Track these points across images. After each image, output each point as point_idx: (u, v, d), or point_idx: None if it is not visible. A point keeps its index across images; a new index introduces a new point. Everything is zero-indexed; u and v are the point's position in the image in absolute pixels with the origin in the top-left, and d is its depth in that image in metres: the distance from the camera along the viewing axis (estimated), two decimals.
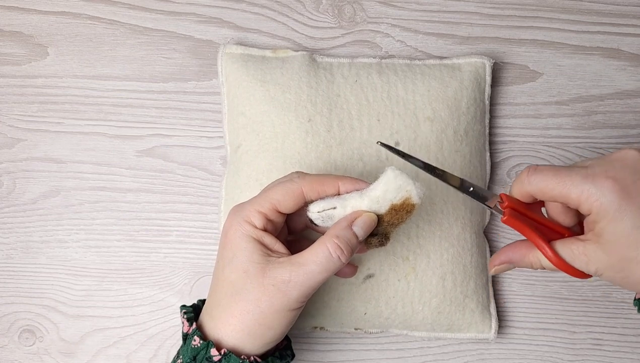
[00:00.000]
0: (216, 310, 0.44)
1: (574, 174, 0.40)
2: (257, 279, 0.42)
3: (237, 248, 0.43)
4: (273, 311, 0.42)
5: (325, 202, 0.44)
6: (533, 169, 0.42)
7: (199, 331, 0.44)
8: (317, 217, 0.44)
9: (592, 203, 0.39)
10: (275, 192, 0.44)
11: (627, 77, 0.59)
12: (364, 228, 0.43)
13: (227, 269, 0.44)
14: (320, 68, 0.55)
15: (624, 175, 0.39)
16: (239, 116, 0.55)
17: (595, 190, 0.39)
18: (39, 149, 0.58)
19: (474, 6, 0.59)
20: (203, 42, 0.58)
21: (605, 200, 0.39)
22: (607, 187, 0.39)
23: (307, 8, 0.59)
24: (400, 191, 0.43)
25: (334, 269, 0.42)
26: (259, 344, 0.43)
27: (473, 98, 0.56)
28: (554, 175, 0.41)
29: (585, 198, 0.40)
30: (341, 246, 0.42)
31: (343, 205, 0.43)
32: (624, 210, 0.39)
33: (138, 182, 0.58)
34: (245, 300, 0.43)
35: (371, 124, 0.53)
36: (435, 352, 0.58)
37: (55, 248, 0.58)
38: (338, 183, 0.44)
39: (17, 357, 0.58)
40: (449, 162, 0.54)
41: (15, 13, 0.58)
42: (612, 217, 0.39)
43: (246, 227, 0.43)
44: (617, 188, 0.39)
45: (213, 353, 0.43)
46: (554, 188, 0.41)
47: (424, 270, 0.53)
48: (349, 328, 0.55)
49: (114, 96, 0.58)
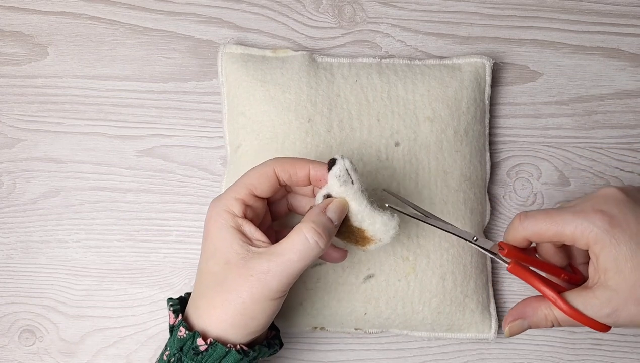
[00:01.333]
0: (200, 301, 0.45)
1: (564, 213, 0.43)
2: (238, 269, 0.43)
3: (217, 239, 0.44)
4: (254, 301, 0.43)
5: (353, 171, 0.44)
6: (524, 215, 0.45)
7: (185, 322, 0.44)
8: (339, 175, 0.44)
9: (587, 236, 0.42)
10: (250, 177, 0.45)
11: (627, 77, 0.59)
12: (337, 212, 0.44)
13: (211, 261, 0.44)
14: (320, 68, 0.55)
15: (610, 207, 0.42)
16: (239, 116, 0.55)
17: (588, 224, 0.42)
18: (39, 149, 0.58)
19: (474, 6, 0.59)
20: (203, 42, 0.58)
21: (599, 231, 0.42)
22: (598, 218, 0.42)
23: (307, 8, 0.59)
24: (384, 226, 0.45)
25: (313, 255, 0.43)
26: (243, 334, 0.44)
27: (473, 98, 0.56)
28: (545, 217, 0.44)
29: (580, 233, 0.42)
30: (318, 230, 0.42)
31: (358, 185, 0.45)
32: (618, 237, 0.42)
33: (138, 182, 0.58)
34: (226, 291, 0.43)
35: (371, 124, 0.53)
36: (435, 352, 0.58)
37: (55, 248, 0.58)
38: (309, 167, 0.45)
39: (17, 357, 0.58)
40: (449, 162, 0.54)
41: (15, 13, 0.58)
42: (609, 243, 0.42)
43: (225, 216, 0.44)
44: (607, 219, 0.42)
45: (199, 343, 0.43)
46: (549, 229, 0.43)
47: (424, 270, 0.53)
48: (349, 328, 0.55)
49: (114, 96, 0.58)
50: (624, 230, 0.42)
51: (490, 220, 0.58)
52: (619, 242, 0.41)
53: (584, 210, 0.43)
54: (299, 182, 0.46)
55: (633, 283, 0.41)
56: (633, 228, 0.42)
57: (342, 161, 0.44)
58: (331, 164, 0.44)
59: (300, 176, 0.45)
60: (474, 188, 0.55)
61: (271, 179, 0.45)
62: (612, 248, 0.41)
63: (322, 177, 0.44)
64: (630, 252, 0.41)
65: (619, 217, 0.42)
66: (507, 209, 0.59)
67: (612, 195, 0.44)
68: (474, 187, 0.55)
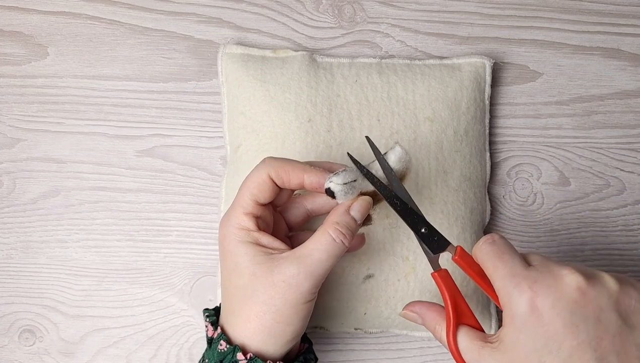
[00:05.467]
0: (232, 317, 0.44)
1: (510, 267, 0.40)
2: (266, 279, 0.42)
3: (237, 255, 0.43)
4: (288, 307, 0.42)
5: (345, 174, 0.44)
6: (491, 239, 0.42)
7: (225, 335, 0.44)
8: (340, 189, 0.43)
9: (505, 303, 0.39)
10: (249, 187, 0.44)
11: (627, 77, 0.59)
12: (361, 211, 0.44)
13: (234, 276, 0.44)
14: (320, 68, 0.55)
15: (547, 295, 0.38)
16: (239, 116, 0.55)
17: (513, 293, 0.39)
18: (39, 149, 0.58)
19: (474, 6, 0.59)
20: (203, 42, 0.58)
21: (516, 309, 0.38)
22: (524, 297, 0.38)
23: (307, 8, 0.59)
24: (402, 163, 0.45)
25: (339, 254, 0.43)
26: (281, 342, 0.44)
27: (473, 98, 0.56)
28: (496, 256, 0.41)
29: (502, 296, 0.39)
30: (342, 231, 0.43)
31: (362, 178, 0.44)
32: (529, 328, 0.38)
33: (138, 182, 0.58)
34: (258, 302, 0.43)
35: (371, 124, 0.53)
36: (435, 351, 0.58)
37: (55, 248, 0.58)
38: (303, 176, 0.44)
39: (17, 357, 0.58)
40: (449, 162, 0.54)
41: (15, 13, 0.58)
42: (516, 327, 0.38)
43: (240, 234, 0.44)
44: (533, 306, 0.38)
45: (239, 358, 0.43)
46: (488, 268, 0.41)
47: (424, 270, 0.53)
48: (349, 328, 0.55)
49: (114, 96, 0.58)
50: (538, 326, 0.38)
51: (490, 220, 0.58)
52: (525, 333, 0.38)
53: (525, 278, 0.39)
54: (294, 188, 0.45)
55: None
56: (551, 331, 0.37)
57: (336, 186, 0.43)
58: (329, 193, 0.44)
59: (294, 184, 0.44)
60: (474, 188, 0.55)
61: (269, 184, 0.44)
62: (516, 332, 0.38)
63: (319, 185, 0.44)
64: (530, 347, 0.38)
65: (546, 311, 0.37)
66: (507, 209, 0.59)
67: (565, 287, 0.38)
68: (474, 187, 0.55)
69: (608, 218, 0.59)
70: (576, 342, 0.37)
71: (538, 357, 0.38)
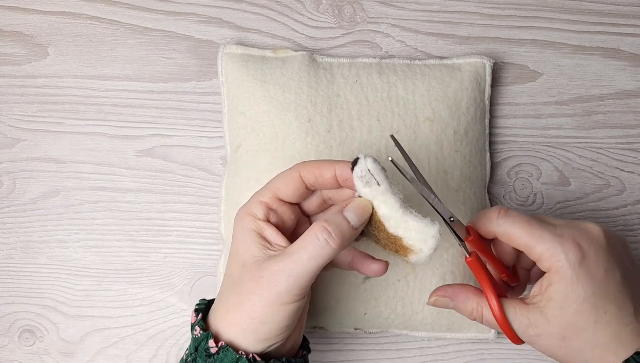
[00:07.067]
0: (218, 303, 0.44)
1: (543, 229, 0.43)
2: (252, 272, 0.42)
3: (238, 241, 0.43)
4: (263, 304, 0.41)
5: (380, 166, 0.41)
6: (504, 212, 0.44)
7: (203, 322, 0.44)
8: (361, 176, 0.41)
9: (553, 262, 0.42)
10: (275, 181, 0.44)
11: (627, 77, 0.59)
12: (356, 213, 0.41)
13: (232, 264, 0.44)
14: (320, 68, 0.55)
15: (588, 245, 0.42)
16: (239, 116, 0.55)
17: (561, 251, 0.42)
18: (39, 149, 0.58)
19: (474, 6, 0.59)
20: (203, 42, 0.58)
21: (567, 263, 0.42)
22: (572, 251, 0.42)
23: (307, 8, 0.59)
24: (422, 235, 0.41)
25: (324, 255, 0.40)
26: (253, 339, 0.42)
27: (473, 98, 0.56)
28: (523, 225, 0.43)
29: (549, 256, 0.42)
30: (329, 229, 0.40)
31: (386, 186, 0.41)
32: (582, 277, 0.42)
33: (138, 182, 0.58)
34: (240, 293, 0.42)
35: (371, 124, 0.53)
36: (435, 351, 0.58)
37: (55, 248, 0.58)
38: (334, 167, 0.42)
39: (17, 357, 0.58)
40: (449, 162, 0.54)
41: (15, 13, 0.58)
42: (569, 279, 0.42)
43: (247, 219, 0.43)
44: (580, 256, 0.42)
45: (211, 345, 0.42)
46: (521, 237, 0.43)
47: (424, 270, 0.53)
48: (348, 328, 0.55)
49: (114, 96, 0.58)
50: (588, 274, 0.42)
51: None
52: (578, 283, 0.41)
53: (563, 235, 0.42)
54: (326, 183, 0.43)
55: (567, 323, 0.42)
56: (597, 276, 0.42)
57: (364, 160, 0.40)
58: (354, 163, 0.41)
59: (326, 177, 0.42)
60: (474, 188, 0.55)
61: (296, 181, 0.43)
62: (569, 286, 0.41)
63: (348, 176, 0.41)
64: (583, 295, 0.41)
65: (592, 259, 0.42)
66: None
67: (595, 235, 0.43)
68: (474, 187, 0.55)
69: (608, 218, 0.59)
70: (613, 282, 0.42)
71: (591, 303, 0.41)
